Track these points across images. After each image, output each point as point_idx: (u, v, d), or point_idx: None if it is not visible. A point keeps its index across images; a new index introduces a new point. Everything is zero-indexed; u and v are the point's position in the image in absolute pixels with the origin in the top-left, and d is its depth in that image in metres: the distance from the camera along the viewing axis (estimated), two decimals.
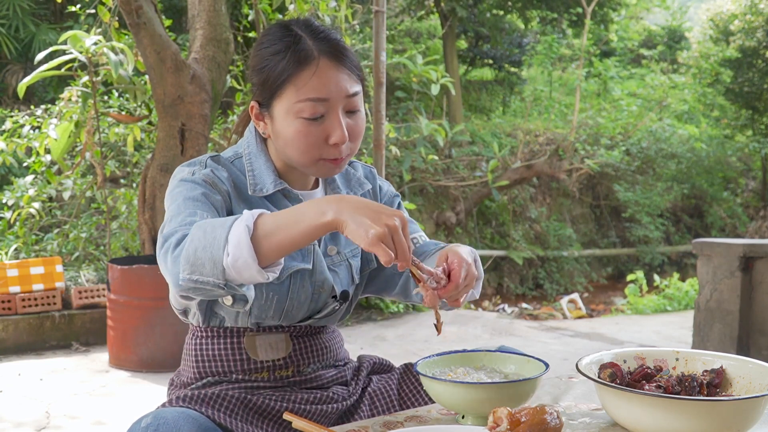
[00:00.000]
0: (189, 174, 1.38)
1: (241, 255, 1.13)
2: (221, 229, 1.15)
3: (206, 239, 1.15)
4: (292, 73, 1.32)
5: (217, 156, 1.44)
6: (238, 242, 1.13)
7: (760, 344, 4.07)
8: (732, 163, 13.12)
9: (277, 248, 1.15)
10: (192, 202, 1.31)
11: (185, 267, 1.16)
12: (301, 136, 1.34)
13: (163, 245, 1.24)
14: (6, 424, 3.44)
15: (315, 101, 1.33)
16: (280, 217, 1.16)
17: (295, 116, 1.34)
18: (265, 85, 1.36)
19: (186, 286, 1.18)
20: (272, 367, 1.46)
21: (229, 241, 1.13)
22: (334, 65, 1.34)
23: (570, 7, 12.88)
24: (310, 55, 1.33)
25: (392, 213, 1.13)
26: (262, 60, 1.37)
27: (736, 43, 12.60)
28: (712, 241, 4.31)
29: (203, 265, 1.15)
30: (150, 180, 4.71)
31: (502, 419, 1.10)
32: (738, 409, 1.14)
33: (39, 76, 4.92)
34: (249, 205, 1.41)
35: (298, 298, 1.43)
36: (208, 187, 1.36)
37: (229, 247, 1.13)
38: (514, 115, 13.17)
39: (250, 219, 1.15)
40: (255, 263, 1.14)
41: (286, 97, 1.34)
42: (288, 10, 5.30)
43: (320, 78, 1.32)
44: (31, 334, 4.76)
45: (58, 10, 8.82)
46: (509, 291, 10.42)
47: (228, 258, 1.13)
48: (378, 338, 5.28)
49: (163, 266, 1.24)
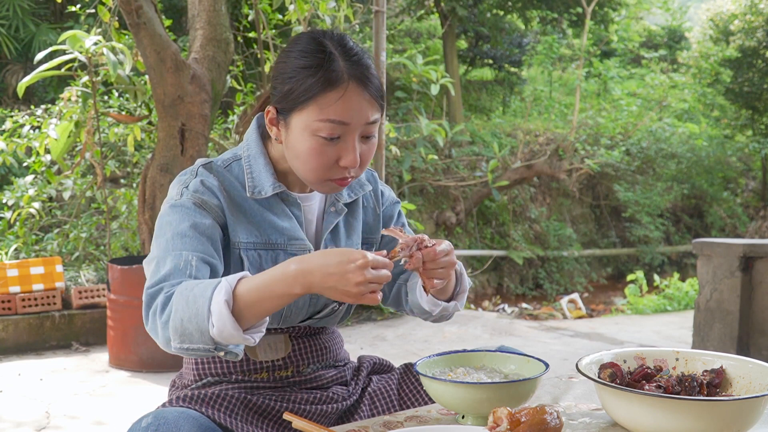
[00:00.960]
0: (178, 195, 1.37)
1: (225, 327, 1.18)
2: (202, 299, 1.19)
3: (190, 310, 1.19)
4: (319, 93, 1.31)
5: (210, 163, 1.43)
6: (220, 315, 1.17)
7: (760, 344, 4.07)
8: (732, 163, 13.12)
9: (258, 316, 1.21)
10: (179, 240, 1.31)
11: (175, 336, 1.21)
12: (314, 153, 1.34)
13: (150, 305, 1.27)
14: (6, 424, 3.44)
15: (335, 123, 1.32)
16: (255, 288, 1.20)
17: (312, 134, 1.33)
18: (289, 96, 1.34)
19: (177, 352, 1.23)
20: (272, 367, 1.46)
21: (212, 312, 1.18)
22: (360, 91, 1.33)
23: (570, 7, 12.88)
24: (340, 78, 1.31)
25: (354, 260, 1.16)
26: (291, 70, 1.34)
27: (736, 43, 12.60)
28: (712, 241, 4.31)
29: (192, 334, 1.20)
30: (150, 180, 4.71)
31: (502, 419, 1.10)
32: (738, 409, 1.14)
33: (39, 76, 4.93)
34: (244, 213, 1.40)
35: (296, 303, 1.43)
36: (197, 211, 1.35)
37: (212, 318, 1.18)
38: (514, 115, 13.17)
39: (229, 291, 1.19)
40: (239, 332, 1.19)
41: (307, 113, 1.33)
42: (288, 10, 5.30)
43: (345, 102, 1.31)
44: (31, 334, 4.76)
45: (58, 10, 8.82)
46: (509, 291, 10.42)
47: (213, 329, 1.18)
48: (378, 338, 5.28)
49: (151, 327, 1.27)
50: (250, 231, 1.40)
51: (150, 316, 1.26)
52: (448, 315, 1.53)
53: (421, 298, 1.47)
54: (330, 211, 1.50)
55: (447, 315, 1.53)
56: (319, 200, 1.50)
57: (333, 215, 1.50)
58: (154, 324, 1.25)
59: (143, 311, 1.28)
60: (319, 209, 1.50)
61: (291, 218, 1.43)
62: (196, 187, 1.37)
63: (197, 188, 1.37)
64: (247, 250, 1.39)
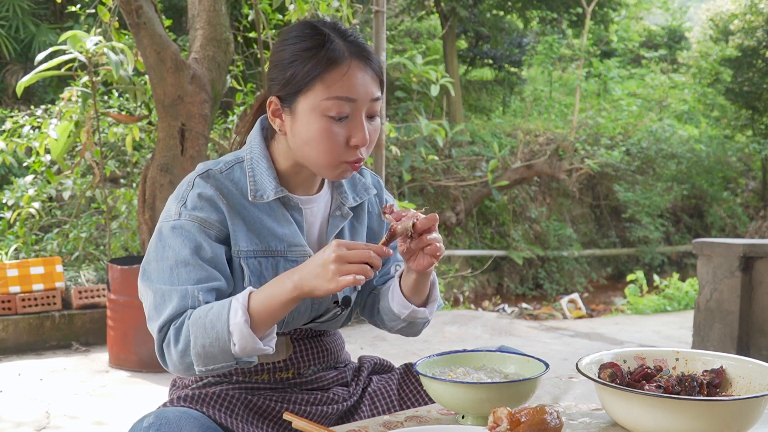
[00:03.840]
0: (176, 215, 1.35)
1: (247, 343, 1.25)
2: (219, 324, 1.25)
3: (209, 336, 1.26)
4: (323, 71, 1.32)
5: (206, 172, 1.40)
6: (242, 335, 1.25)
7: (760, 344, 4.07)
8: (732, 164, 13.12)
9: (271, 324, 1.29)
10: (183, 269, 1.32)
11: (198, 361, 1.27)
12: (324, 135, 1.33)
13: (163, 339, 1.31)
14: (6, 424, 3.44)
15: (343, 100, 1.32)
16: (264, 301, 1.27)
17: (321, 114, 1.33)
18: (292, 80, 1.34)
19: (201, 374, 1.30)
20: (273, 369, 1.46)
21: (232, 332, 1.24)
22: (363, 67, 1.34)
23: (570, 7, 12.88)
24: (342, 56, 1.33)
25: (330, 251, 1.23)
26: (291, 55, 1.35)
27: (735, 42, 12.61)
28: (712, 241, 4.31)
29: (215, 357, 1.27)
30: (150, 180, 4.71)
31: (502, 419, 1.10)
32: (738, 409, 1.14)
33: (39, 75, 4.93)
34: (243, 219, 1.38)
35: (297, 309, 1.42)
36: (198, 233, 1.34)
37: (233, 338, 1.25)
38: (514, 115, 13.18)
39: (245, 311, 1.25)
40: (260, 344, 1.27)
41: (313, 94, 1.32)
42: (288, 10, 5.30)
43: (350, 78, 1.32)
44: (31, 334, 4.76)
45: (58, 10, 8.82)
46: (509, 291, 10.42)
47: (236, 347, 1.25)
48: (378, 338, 5.28)
49: (167, 358, 1.31)
50: (250, 238, 1.38)
51: (165, 347, 1.30)
52: (416, 326, 1.52)
53: (392, 300, 1.47)
54: (335, 215, 1.49)
55: (415, 325, 1.52)
56: (323, 204, 1.49)
57: (339, 219, 1.49)
58: (170, 356, 1.30)
59: (156, 348, 1.32)
60: (323, 213, 1.49)
61: (291, 224, 1.42)
62: (194, 203, 1.35)
63: (195, 205, 1.35)
64: (248, 258, 1.38)
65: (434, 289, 1.50)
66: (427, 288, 1.46)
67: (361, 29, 9.26)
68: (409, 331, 1.54)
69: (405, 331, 1.54)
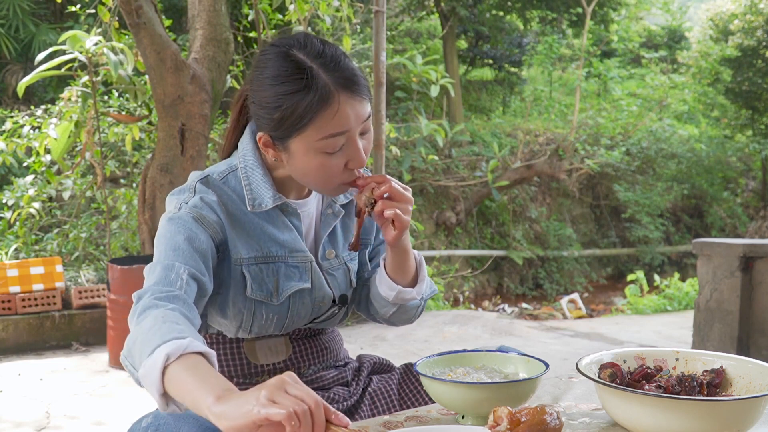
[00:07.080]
0: (176, 208, 1.35)
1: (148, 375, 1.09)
2: (158, 336, 1.10)
3: (144, 337, 1.12)
4: (315, 115, 1.28)
5: (206, 178, 1.40)
6: (154, 364, 1.08)
7: (760, 344, 4.07)
8: (732, 164, 13.12)
9: (178, 396, 1.08)
10: (173, 252, 1.29)
11: (125, 347, 1.16)
12: (323, 168, 1.32)
13: (135, 306, 1.22)
14: (6, 424, 3.44)
15: (337, 136, 1.30)
16: (183, 383, 1.06)
17: (317, 152, 1.31)
18: (283, 124, 1.31)
19: (122, 362, 1.18)
20: (273, 370, 1.46)
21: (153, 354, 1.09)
22: (351, 96, 1.30)
23: (570, 7, 12.88)
24: (330, 94, 1.28)
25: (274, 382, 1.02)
26: (276, 99, 1.30)
27: (735, 42, 12.61)
28: (712, 241, 4.31)
29: (133, 357, 1.14)
30: (150, 180, 4.71)
31: (502, 419, 1.10)
32: (738, 409, 1.14)
33: (39, 75, 4.93)
34: (243, 227, 1.38)
35: (299, 314, 1.43)
36: (194, 224, 1.33)
37: (148, 360, 1.09)
38: (514, 115, 13.18)
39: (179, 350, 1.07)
40: (158, 390, 1.08)
41: (306, 136, 1.30)
42: (288, 10, 5.30)
43: (342, 114, 1.29)
44: (31, 334, 4.76)
45: (58, 10, 8.82)
46: (509, 291, 10.42)
47: (141, 369, 1.10)
48: (378, 338, 5.28)
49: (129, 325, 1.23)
50: (251, 246, 1.38)
51: (130, 316, 1.23)
52: (408, 310, 1.49)
53: (380, 283, 1.46)
54: (327, 213, 1.49)
55: (407, 309, 1.49)
56: (315, 204, 1.49)
57: (330, 218, 1.49)
58: (130, 323, 1.21)
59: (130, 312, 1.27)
60: (315, 213, 1.49)
61: (291, 230, 1.42)
62: (196, 203, 1.35)
63: (196, 204, 1.35)
64: (249, 266, 1.38)
65: (421, 269, 1.48)
66: (409, 265, 1.45)
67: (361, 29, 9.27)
68: (403, 317, 1.52)
69: (398, 317, 1.52)
